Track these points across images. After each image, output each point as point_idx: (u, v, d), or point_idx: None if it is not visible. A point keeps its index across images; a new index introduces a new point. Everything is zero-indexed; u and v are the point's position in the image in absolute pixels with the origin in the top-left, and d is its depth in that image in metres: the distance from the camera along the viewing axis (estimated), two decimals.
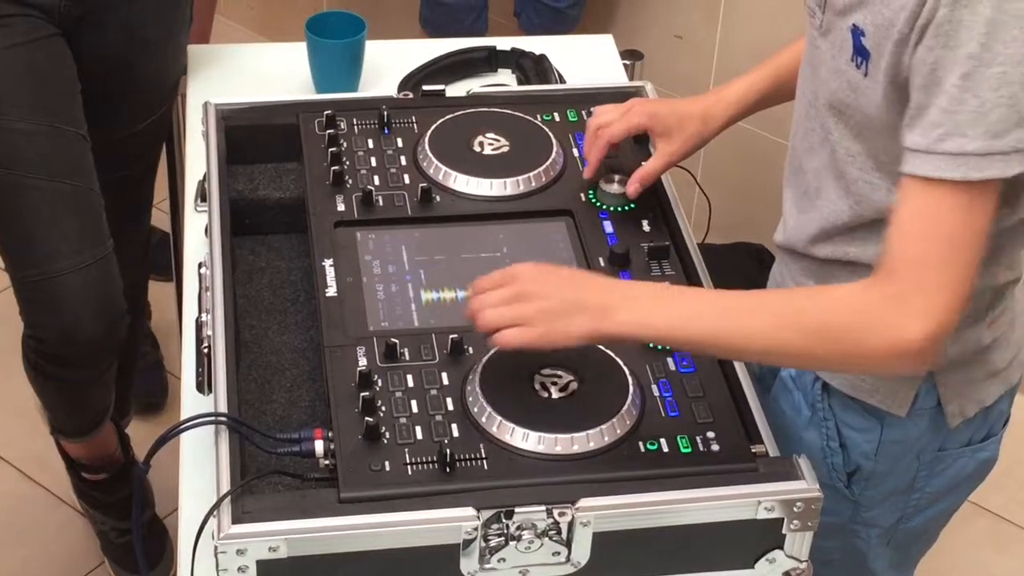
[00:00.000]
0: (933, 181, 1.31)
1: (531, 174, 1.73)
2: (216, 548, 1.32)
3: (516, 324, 1.40)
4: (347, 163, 1.73)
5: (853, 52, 1.42)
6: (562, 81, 2.17)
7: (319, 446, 1.40)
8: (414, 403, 1.44)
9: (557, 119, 1.83)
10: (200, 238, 1.82)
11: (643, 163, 1.72)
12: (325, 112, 1.79)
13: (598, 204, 1.71)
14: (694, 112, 1.70)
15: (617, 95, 1.88)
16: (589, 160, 1.72)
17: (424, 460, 1.39)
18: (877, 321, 1.33)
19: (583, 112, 1.85)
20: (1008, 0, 1.27)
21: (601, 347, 1.49)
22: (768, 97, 1.71)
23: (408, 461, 1.39)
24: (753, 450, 1.44)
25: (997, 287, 1.51)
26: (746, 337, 1.37)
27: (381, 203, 1.69)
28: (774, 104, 1.72)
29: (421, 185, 1.70)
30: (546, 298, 1.40)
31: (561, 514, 1.36)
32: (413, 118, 1.82)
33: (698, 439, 1.43)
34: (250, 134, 1.80)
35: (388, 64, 2.22)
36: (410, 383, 1.46)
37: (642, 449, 1.42)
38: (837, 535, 1.42)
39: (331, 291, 1.57)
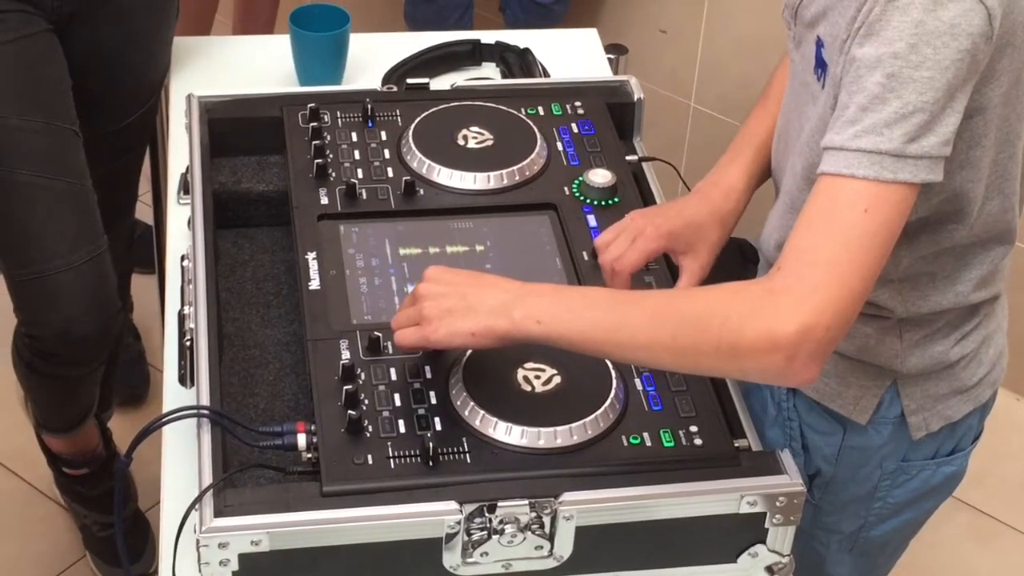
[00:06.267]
0: (842, 177, 1.28)
1: (515, 168, 1.73)
2: (198, 542, 1.32)
3: (413, 323, 1.39)
4: (331, 156, 1.73)
5: (815, 64, 1.41)
6: (546, 75, 2.17)
7: (302, 439, 1.40)
8: (397, 396, 1.44)
9: (541, 113, 1.83)
10: (183, 231, 1.82)
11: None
12: (309, 105, 1.79)
13: (582, 198, 1.71)
14: (710, 219, 1.60)
15: (601, 89, 1.88)
16: None
17: (407, 454, 1.39)
18: (754, 310, 1.27)
19: (567, 106, 1.84)
20: (940, 7, 1.25)
21: None
22: (765, 174, 1.63)
23: (391, 455, 1.38)
24: (736, 444, 1.44)
25: (969, 306, 1.50)
26: (628, 329, 1.31)
27: (365, 196, 1.68)
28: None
29: (405, 178, 1.70)
30: (441, 296, 1.38)
31: (544, 508, 1.36)
32: (397, 111, 1.81)
33: (681, 433, 1.43)
34: (233, 127, 1.80)
35: (372, 57, 2.22)
36: (393, 376, 1.46)
37: (625, 443, 1.42)
38: (796, 539, 1.42)
39: (314, 284, 1.57)
